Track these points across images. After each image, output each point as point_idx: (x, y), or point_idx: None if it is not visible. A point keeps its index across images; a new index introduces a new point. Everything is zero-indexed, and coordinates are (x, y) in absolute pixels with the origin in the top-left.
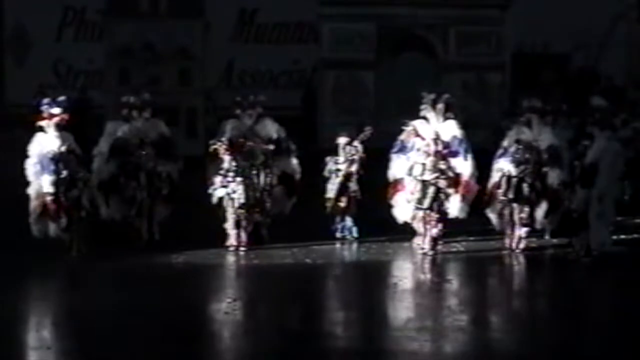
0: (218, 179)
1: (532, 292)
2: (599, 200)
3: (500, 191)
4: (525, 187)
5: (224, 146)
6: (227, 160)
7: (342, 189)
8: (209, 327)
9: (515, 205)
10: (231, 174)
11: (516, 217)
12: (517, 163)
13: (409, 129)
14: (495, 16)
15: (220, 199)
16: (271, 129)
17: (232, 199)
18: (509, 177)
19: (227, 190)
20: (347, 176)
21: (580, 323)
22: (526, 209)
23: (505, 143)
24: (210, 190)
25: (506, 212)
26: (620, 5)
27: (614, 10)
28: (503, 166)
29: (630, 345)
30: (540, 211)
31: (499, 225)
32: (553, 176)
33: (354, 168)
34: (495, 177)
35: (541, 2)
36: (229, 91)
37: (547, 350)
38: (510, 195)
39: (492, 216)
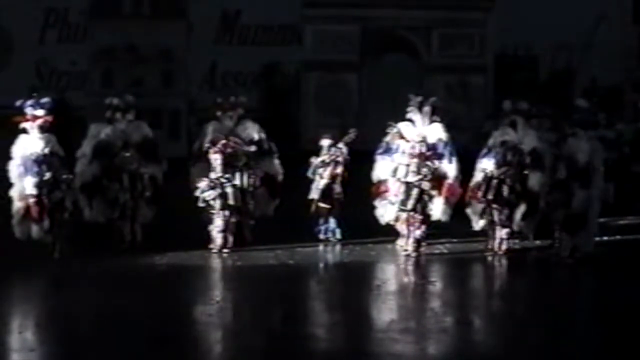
0: (205, 181)
1: (514, 294)
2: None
3: (480, 192)
4: (505, 189)
5: (218, 148)
6: (218, 162)
7: (327, 191)
8: (193, 329)
9: (494, 206)
10: (222, 175)
11: (496, 218)
12: (498, 164)
13: (394, 131)
14: (478, 18)
15: (207, 201)
16: (252, 130)
17: (222, 201)
18: (490, 178)
19: (217, 192)
20: (332, 178)
21: (562, 324)
22: (505, 210)
23: (489, 143)
24: (197, 193)
25: (487, 213)
26: (604, 6)
27: (597, 12)
28: (485, 166)
29: (612, 346)
30: (519, 213)
31: (478, 226)
32: (534, 179)
33: (338, 170)
34: (477, 176)
35: (524, 4)
36: (213, 93)
37: (530, 351)
38: (490, 196)
39: (473, 216)
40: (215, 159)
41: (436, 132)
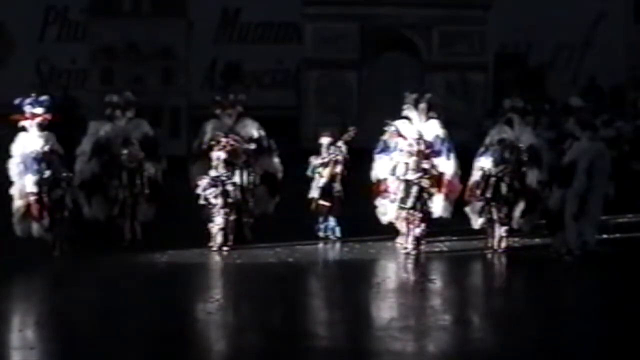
0: (205, 179)
1: (514, 292)
2: (581, 200)
3: (479, 190)
4: (504, 187)
5: (221, 146)
6: (221, 160)
7: (327, 189)
8: (193, 327)
9: (493, 204)
10: (222, 173)
11: (495, 216)
12: (496, 162)
13: (391, 129)
14: (479, 16)
15: (207, 199)
16: (252, 128)
17: (222, 199)
18: (488, 176)
19: (217, 190)
20: (332, 176)
21: (561, 322)
22: (504, 208)
23: (486, 141)
24: (198, 191)
25: (486, 211)
26: (606, 4)
27: (598, 10)
28: (483, 164)
29: (610, 343)
30: (518, 210)
31: (477, 224)
32: (532, 176)
33: (338, 168)
34: (475, 175)
35: (524, 2)
36: (212, 91)
37: (529, 349)
38: (488, 195)
39: (472, 215)
40: (218, 157)
41: (433, 129)
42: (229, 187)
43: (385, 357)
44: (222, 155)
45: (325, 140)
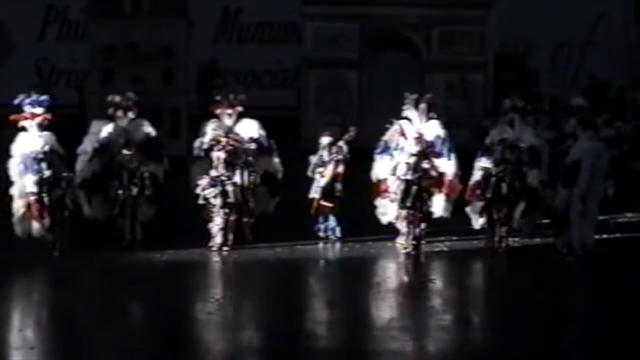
0: (205, 179)
1: (514, 292)
2: (581, 200)
3: (479, 190)
4: (504, 187)
5: (222, 145)
6: (221, 160)
7: (329, 190)
8: (193, 326)
9: (494, 204)
10: (223, 173)
11: (495, 216)
12: (496, 162)
13: (392, 128)
14: (479, 16)
15: (207, 198)
16: (252, 128)
17: (222, 199)
18: (488, 176)
19: (217, 189)
20: (334, 176)
21: (562, 321)
22: (504, 208)
23: (487, 141)
24: (198, 190)
25: (486, 211)
26: (605, 4)
27: (597, 10)
28: (484, 164)
29: (610, 343)
30: (518, 211)
31: (478, 224)
32: (532, 176)
33: (341, 168)
34: (476, 175)
35: (524, 2)
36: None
37: (529, 349)
38: (489, 195)
39: (472, 215)
40: (218, 157)
41: (434, 129)
42: (229, 187)
43: (385, 356)
44: (222, 155)
45: (325, 140)
